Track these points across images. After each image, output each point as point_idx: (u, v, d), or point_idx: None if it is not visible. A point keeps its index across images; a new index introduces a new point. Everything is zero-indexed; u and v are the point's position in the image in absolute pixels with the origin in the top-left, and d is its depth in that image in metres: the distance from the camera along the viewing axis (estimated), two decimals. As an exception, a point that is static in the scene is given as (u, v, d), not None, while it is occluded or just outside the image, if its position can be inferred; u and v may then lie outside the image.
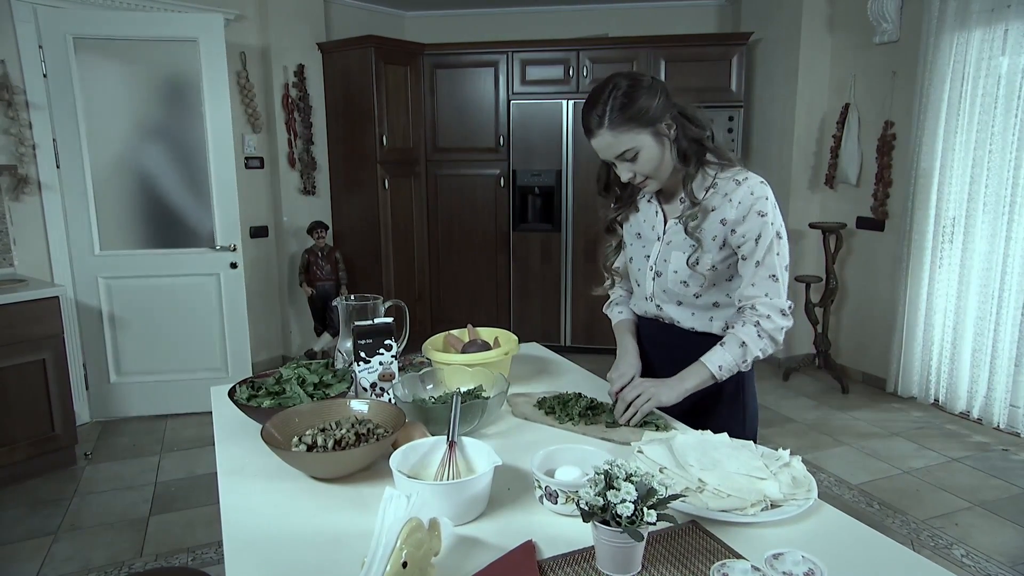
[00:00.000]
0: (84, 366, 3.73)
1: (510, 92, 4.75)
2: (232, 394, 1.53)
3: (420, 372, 1.63)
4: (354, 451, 1.26)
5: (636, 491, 0.96)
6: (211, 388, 1.73)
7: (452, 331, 1.91)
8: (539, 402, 1.61)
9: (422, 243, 5.03)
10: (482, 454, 1.21)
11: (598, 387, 1.75)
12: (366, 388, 1.53)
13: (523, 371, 1.88)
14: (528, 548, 1.04)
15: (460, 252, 5.08)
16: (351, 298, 1.74)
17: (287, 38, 4.45)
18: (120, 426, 3.78)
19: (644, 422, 1.46)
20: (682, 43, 4.63)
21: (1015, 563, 2.50)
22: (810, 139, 4.55)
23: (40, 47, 3.42)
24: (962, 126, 3.64)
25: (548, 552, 1.05)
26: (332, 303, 2.06)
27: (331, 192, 4.83)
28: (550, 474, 1.18)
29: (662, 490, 0.98)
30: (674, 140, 1.45)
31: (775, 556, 0.91)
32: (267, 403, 1.49)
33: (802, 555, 0.91)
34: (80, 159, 3.56)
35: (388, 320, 1.57)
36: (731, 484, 1.16)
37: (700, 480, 1.17)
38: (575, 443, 1.38)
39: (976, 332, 3.70)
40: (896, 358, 4.08)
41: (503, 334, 1.88)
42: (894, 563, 1.03)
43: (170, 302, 3.78)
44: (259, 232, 4.54)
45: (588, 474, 1.08)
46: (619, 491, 0.95)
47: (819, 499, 1.17)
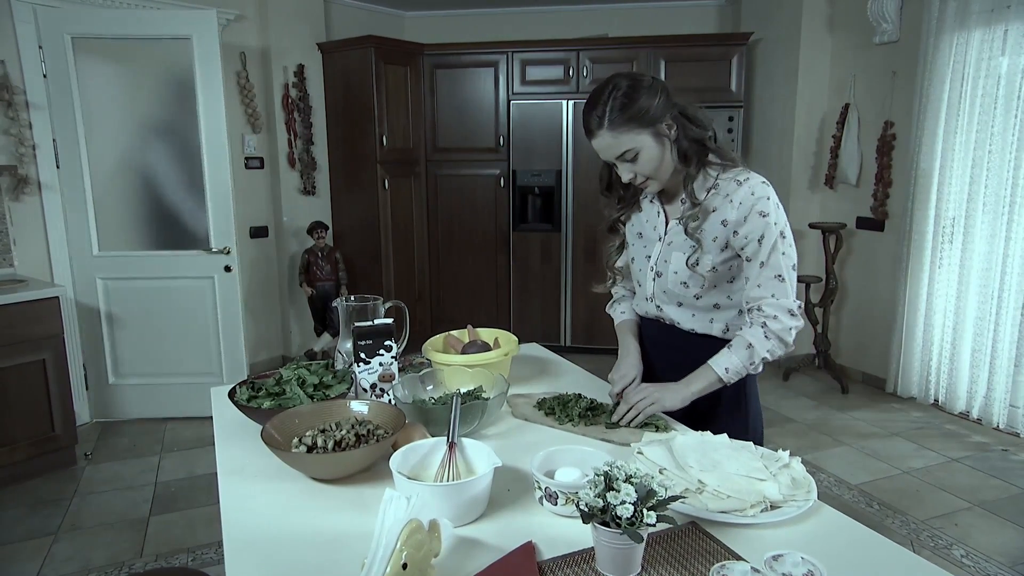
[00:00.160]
0: (84, 366, 3.73)
1: (510, 92, 4.75)
2: (232, 395, 1.53)
3: (420, 373, 1.63)
4: (354, 452, 1.26)
5: (636, 492, 0.96)
6: (211, 389, 1.73)
7: (452, 332, 1.91)
8: (539, 403, 1.61)
9: (422, 243, 5.03)
10: (482, 455, 1.21)
11: (598, 388, 1.75)
12: (366, 389, 1.54)
13: (523, 372, 1.89)
14: (528, 549, 1.05)
15: (460, 252, 5.08)
16: (351, 299, 1.74)
17: (287, 38, 4.45)
18: (120, 426, 3.78)
19: (644, 423, 1.46)
20: (682, 43, 4.63)
21: (1015, 563, 2.50)
22: (810, 139, 4.55)
23: (40, 47, 3.42)
24: (962, 126, 3.64)
25: (548, 553, 1.05)
26: (332, 303, 2.06)
27: (331, 192, 4.83)
28: (550, 475, 1.18)
29: (662, 491, 0.98)
30: (675, 140, 1.44)
31: (774, 557, 0.92)
32: (267, 404, 1.49)
33: (801, 556, 0.91)
34: (79, 159, 3.56)
35: (388, 321, 1.57)
36: (731, 485, 1.16)
37: (700, 481, 1.17)
38: (575, 444, 1.38)
39: (976, 332, 3.70)
40: (896, 358, 4.09)
41: (503, 335, 1.88)
42: (893, 564, 1.03)
43: (166, 304, 3.74)
44: (259, 232, 4.55)
45: (588, 475, 1.08)
46: (619, 492, 0.95)
47: (819, 500, 1.18)
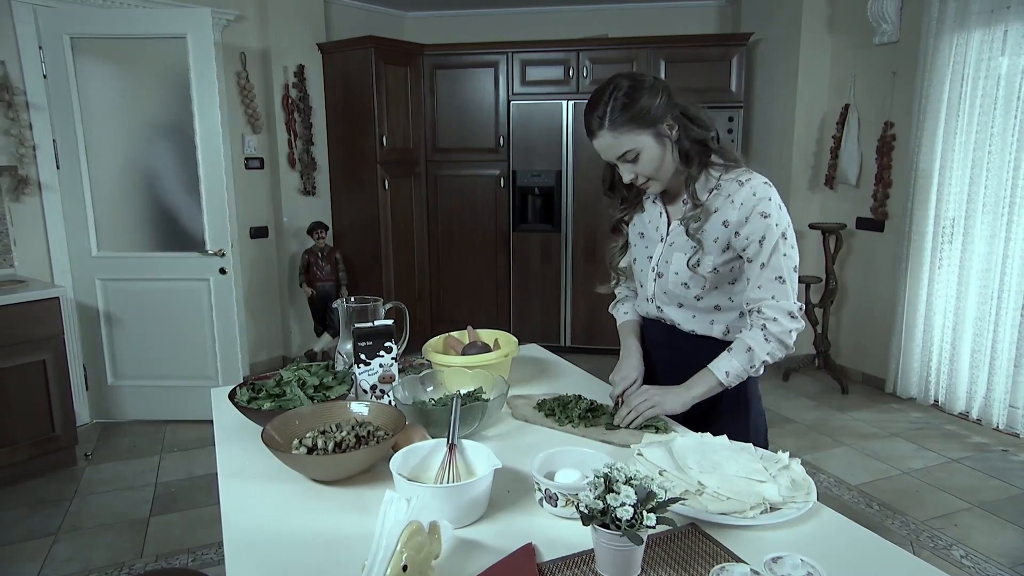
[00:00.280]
0: (84, 367, 3.73)
1: (510, 92, 4.75)
2: (232, 396, 1.54)
3: (420, 374, 1.63)
4: (354, 454, 1.26)
5: (635, 494, 0.96)
6: (211, 390, 1.74)
7: (452, 333, 1.91)
8: (539, 404, 1.61)
9: (422, 243, 5.04)
10: (482, 457, 1.22)
11: (598, 389, 1.75)
12: (366, 390, 1.54)
13: (523, 373, 1.89)
14: (528, 551, 1.05)
15: (460, 252, 5.08)
16: (351, 300, 1.74)
17: (287, 39, 4.45)
18: (120, 427, 3.78)
19: (644, 425, 1.46)
20: (682, 43, 4.63)
21: (1014, 564, 2.50)
22: (810, 139, 4.55)
23: (40, 48, 3.42)
24: (961, 127, 3.64)
25: (548, 555, 1.05)
26: (332, 304, 2.06)
27: (331, 192, 4.83)
28: (550, 477, 1.18)
29: (661, 493, 0.98)
30: (676, 141, 1.43)
31: (774, 560, 0.92)
32: (267, 405, 1.49)
33: (801, 559, 0.91)
34: (78, 160, 3.55)
35: (388, 322, 1.58)
36: (730, 487, 1.16)
37: (699, 483, 1.17)
38: (575, 445, 1.38)
39: (975, 333, 3.70)
40: (895, 359, 4.09)
41: (503, 336, 1.88)
42: (893, 566, 1.03)
43: (164, 306, 3.70)
44: (259, 232, 4.55)
45: (588, 477, 1.08)
46: (619, 495, 0.95)
47: (818, 502, 1.18)
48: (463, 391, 1.57)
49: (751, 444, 1.32)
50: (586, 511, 0.97)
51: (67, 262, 3.63)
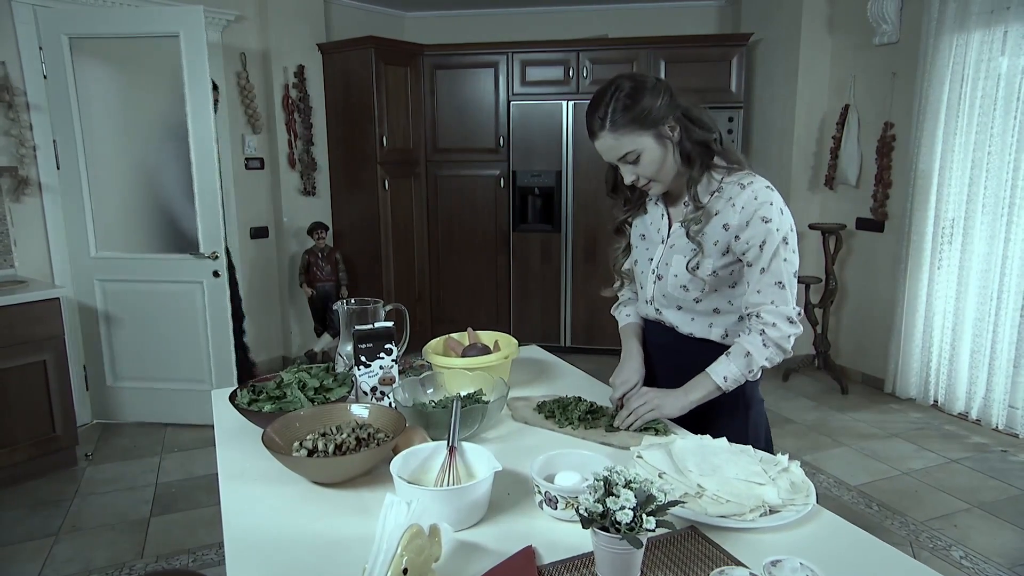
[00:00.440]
0: (84, 367, 3.73)
1: (510, 93, 4.76)
2: (233, 398, 1.54)
3: (420, 376, 1.63)
4: (355, 456, 1.26)
5: (635, 498, 0.96)
6: (212, 392, 1.74)
7: (452, 334, 1.91)
8: (539, 406, 1.61)
9: (422, 243, 5.04)
10: (482, 459, 1.22)
11: (598, 390, 1.76)
12: (367, 392, 1.54)
13: (523, 374, 1.89)
14: (528, 554, 1.05)
15: (460, 252, 5.08)
16: (351, 302, 1.74)
17: (287, 39, 4.45)
18: (120, 427, 3.78)
19: (644, 427, 1.47)
20: (682, 44, 4.63)
21: (1014, 564, 2.51)
22: (810, 140, 4.56)
23: (40, 48, 3.42)
24: (961, 127, 3.64)
25: (548, 558, 1.05)
26: (332, 304, 2.07)
27: (331, 193, 4.84)
28: (550, 479, 1.18)
29: (661, 496, 0.98)
30: (678, 143, 1.43)
31: (773, 563, 0.92)
32: (268, 407, 1.49)
33: (800, 562, 0.91)
34: (77, 160, 3.54)
35: (388, 324, 1.58)
36: (730, 489, 1.16)
37: (699, 486, 1.17)
38: (575, 448, 1.38)
39: (975, 333, 3.71)
40: (894, 359, 4.09)
41: (503, 337, 1.88)
42: (892, 569, 1.03)
43: (160, 308, 3.67)
44: (259, 233, 4.55)
45: (587, 479, 1.09)
46: (618, 498, 0.96)
47: (817, 504, 1.18)
48: (463, 393, 1.57)
49: (750, 446, 1.32)
50: (586, 514, 0.97)
51: (67, 263, 3.63)
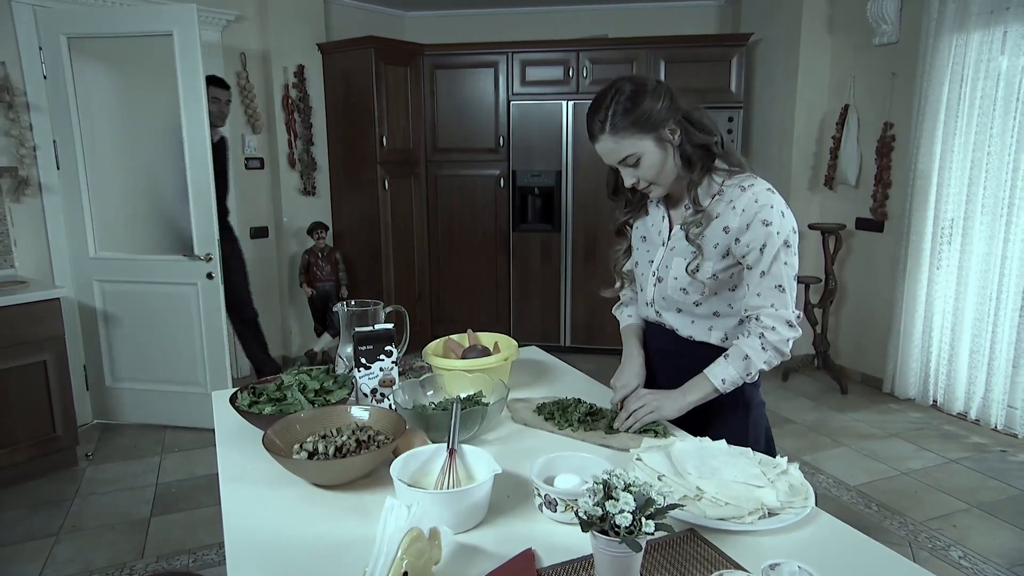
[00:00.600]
0: (84, 367, 3.73)
1: (510, 92, 4.76)
2: (233, 400, 1.54)
3: (420, 378, 1.64)
4: (355, 459, 1.26)
5: (634, 501, 0.96)
6: (212, 393, 1.75)
7: (452, 336, 1.92)
8: (539, 408, 1.62)
9: (422, 243, 5.04)
10: (482, 462, 1.22)
11: (597, 392, 1.76)
12: (367, 394, 1.54)
13: (523, 376, 1.89)
14: (528, 556, 1.05)
15: (460, 252, 5.08)
16: (351, 303, 1.75)
17: (287, 39, 4.45)
18: (121, 427, 3.78)
19: (643, 429, 1.47)
20: (682, 43, 4.63)
21: (1012, 565, 2.51)
22: (809, 140, 4.56)
23: (40, 48, 3.42)
24: (961, 128, 3.64)
25: (548, 560, 1.06)
26: (332, 304, 2.07)
27: (331, 192, 4.84)
28: (549, 481, 1.19)
29: (660, 500, 0.99)
30: (678, 146, 1.42)
31: (772, 567, 0.92)
32: (268, 409, 1.50)
33: (798, 565, 0.92)
34: (76, 160, 3.54)
35: (388, 326, 1.58)
36: (729, 492, 1.16)
37: (698, 488, 1.18)
38: (574, 450, 1.38)
39: (974, 333, 3.71)
40: (893, 359, 4.10)
41: (503, 339, 1.89)
42: (891, 572, 1.04)
43: (156, 309, 3.64)
44: (259, 233, 4.55)
45: (587, 482, 1.09)
46: (617, 501, 0.96)
47: (816, 507, 1.18)
48: (463, 395, 1.57)
49: (749, 448, 1.33)
50: (585, 517, 0.98)
51: (67, 263, 3.63)
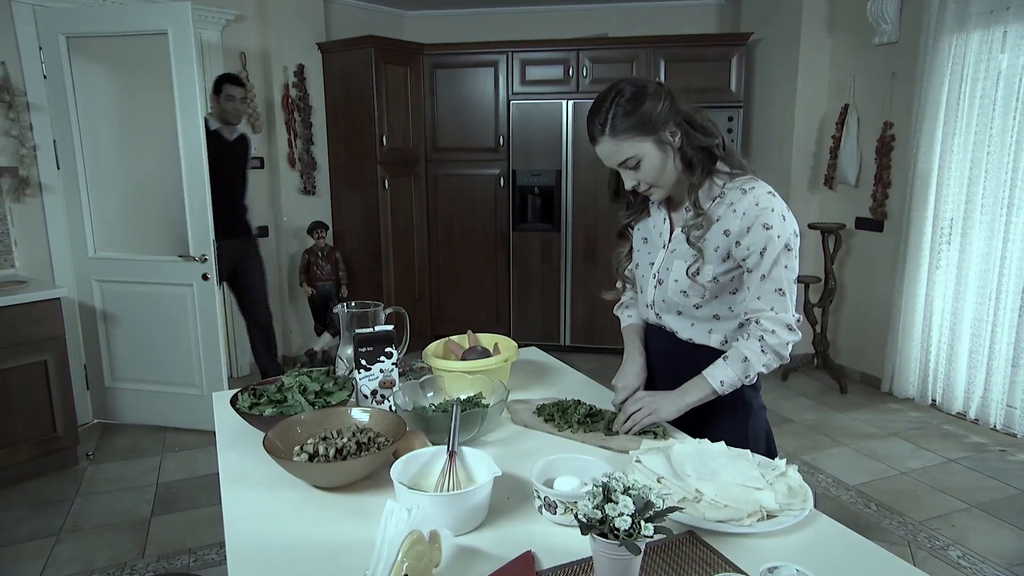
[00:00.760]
0: (85, 367, 3.74)
1: (510, 92, 4.76)
2: (234, 402, 1.55)
3: (420, 379, 1.64)
4: (355, 461, 1.27)
5: (633, 504, 0.97)
6: (213, 394, 1.75)
7: (452, 337, 1.92)
8: (538, 409, 1.62)
9: (422, 243, 5.04)
10: (482, 464, 1.23)
11: (597, 393, 1.77)
12: (367, 395, 1.55)
13: (522, 377, 1.90)
14: (527, 558, 1.06)
15: (460, 252, 5.09)
16: (351, 305, 1.75)
17: (287, 38, 4.45)
18: (121, 427, 3.79)
19: (643, 430, 1.48)
20: (682, 43, 4.63)
21: (1011, 564, 2.52)
22: (809, 139, 4.56)
23: (40, 48, 3.42)
24: (960, 128, 3.65)
25: (547, 562, 1.06)
26: (332, 303, 2.07)
27: (331, 192, 4.84)
28: (549, 483, 1.19)
29: (659, 503, 0.99)
30: (679, 148, 1.42)
31: (770, 570, 0.93)
32: (269, 411, 1.50)
33: (796, 569, 0.92)
34: (75, 160, 3.53)
35: (388, 328, 1.58)
36: (728, 494, 1.17)
37: (697, 490, 1.18)
38: (574, 451, 1.39)
39: (973, 333, 3.71)
40: (891, 358, 4.10)
41: (503, 340, 1.89)
42: (890, 574, 1.04)
43: (154, 310, 3.64)
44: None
45: (587, 484, 1.09)
46: (617, 504, 0.96)
47: (815, 509, 1.19)
48: (463, 396, 1.58)
49: (748, 450, 1.33)
50: (584, 520, 0.98)
51: (68, 263, 3.63)
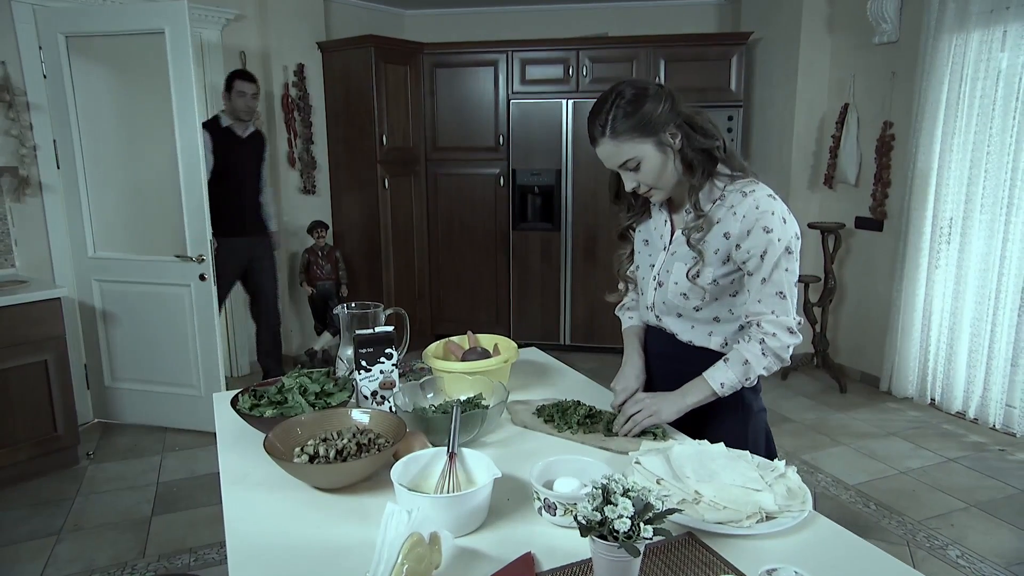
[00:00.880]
0: (85, 366, 3.74)
1: (510, 91, 4.76)
2: (235, 403, 1.55)
3: (420, 380, 1.64)
4: (356, 462, 1.27)
5: (633, 506, 0.97)
6: (213, 395, 1.76)
7: (452, 338, 1.93)
8: (538, 410, 1.62)
9: (422, 242, 5.05)
10: (482, 465, 1.23)
11: (597, 394, 1.77)
12: (367, 396, 1.55)
13: (522, 377, 1.90)
14: (527, 560, 1.06)
15: (460, 251, 5.09)
16: (351, 305, 1.75)
17: (287, 38, 4.45)
18: (122, 426, 3.79)
19: (642, 431, 1.48)
20: (682, 43, 4.63)
21: (1010, 564, 2.52)
22: (809, 139, 4.56)
23: (40, 48, 3.42)
24: (960, 127, 3.65)
25: (547, 564, 1.07)
26: (332, 303, 2.07)
27: (331, 191, 4.84)
28: (549, 485, 1.20)
29: (659, 505, 0.99)
30: (679, 150, 1.42)
31: (769, 572, 0.93)
32: (269, 412, 1.50)
33: (795, 571, 0.92)
34: (75, 159, 3.53)
35: (389, 329, 1.58)
36: (727, 496, 1.17)
37: (696, 492, 1.19)
38: (573, 452, 1.39)
39: (973, 332, 3.72)
40: (891, 358, 4.11)
41: (503, 341, 1.89)
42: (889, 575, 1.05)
43: (152, 310, 3.63)
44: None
45: (586, 485, 1.10)
46: (616, 506, 0.97)
47: (814, 510, 1.19)
48: (463, 397, 1.58)
49: (748, 452, 1.33)
50: (584, 522, 0.98)
51: (68, 262, 3.63)
